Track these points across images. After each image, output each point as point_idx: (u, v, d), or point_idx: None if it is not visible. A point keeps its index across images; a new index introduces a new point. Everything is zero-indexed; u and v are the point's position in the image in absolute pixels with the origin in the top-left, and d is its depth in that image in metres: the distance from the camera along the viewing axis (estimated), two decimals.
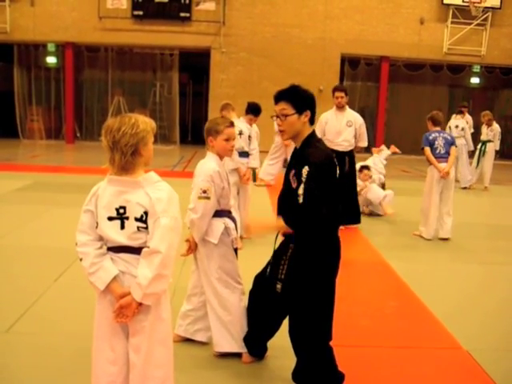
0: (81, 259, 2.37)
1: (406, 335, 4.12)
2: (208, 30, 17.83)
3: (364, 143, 7.60)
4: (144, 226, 2.30)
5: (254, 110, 7.07)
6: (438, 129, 7.25)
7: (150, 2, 17.39)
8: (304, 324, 3.06)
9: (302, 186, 2.89)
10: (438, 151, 7.07)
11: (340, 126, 7.38)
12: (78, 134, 19.38)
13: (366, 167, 8.82)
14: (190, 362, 3.51)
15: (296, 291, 3.04)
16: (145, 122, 2.35)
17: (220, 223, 3.46)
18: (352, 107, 8.55)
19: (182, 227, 2.37)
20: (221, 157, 3.55)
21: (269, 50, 18.00)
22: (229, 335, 3.47)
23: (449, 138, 7.22)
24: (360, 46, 18.02)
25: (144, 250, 2.29)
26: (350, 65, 19.01)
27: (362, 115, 7.94)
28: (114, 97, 19.01)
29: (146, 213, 2.28)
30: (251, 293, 3.44)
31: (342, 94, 7.39)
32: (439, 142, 7.07)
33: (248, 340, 3.46)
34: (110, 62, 18.91)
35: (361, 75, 19.25)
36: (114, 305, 2.33)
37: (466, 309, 4.74)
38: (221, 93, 17.58)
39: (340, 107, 7.44)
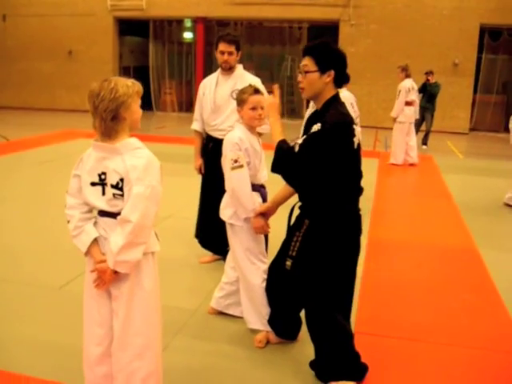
0: (68, 221, 2.41)
1: (466, 333, 3.73)
2: (337, 1, 17.34)
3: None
4: (120, 193, 2.26)
5: None
6: None
7: None
8: (316, 305, 2.88)
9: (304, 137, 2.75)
10: None
11: (220, 99, 4.50)
12: None
13: None
14: (218, 334, 3.50)
15: (308, 269, 2.86)
16: (126, 86, 2.28)
17: None
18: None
19: (161, 195, 2.31)
20: (250, 128, 3.38)
21: (400, 21, 17.07)
22: (254, 312, 3.39)
23: None
24: (502, 15, 16.36)
25: (118, 217, 2.27)
26: (491, 36, 17.42)
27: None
28: None
29: (122, 180, 2.25)
30: (269, 276, 3.27)
31: (232, 49, 4.41)
32: None
33: (272, 322, 3.33)
34: (239, 36, 19.11)
35: (503, 48, 17.49)
36: None
37: None
38: (350, 66, 17.02)
39: (225, 69, 4.52)
